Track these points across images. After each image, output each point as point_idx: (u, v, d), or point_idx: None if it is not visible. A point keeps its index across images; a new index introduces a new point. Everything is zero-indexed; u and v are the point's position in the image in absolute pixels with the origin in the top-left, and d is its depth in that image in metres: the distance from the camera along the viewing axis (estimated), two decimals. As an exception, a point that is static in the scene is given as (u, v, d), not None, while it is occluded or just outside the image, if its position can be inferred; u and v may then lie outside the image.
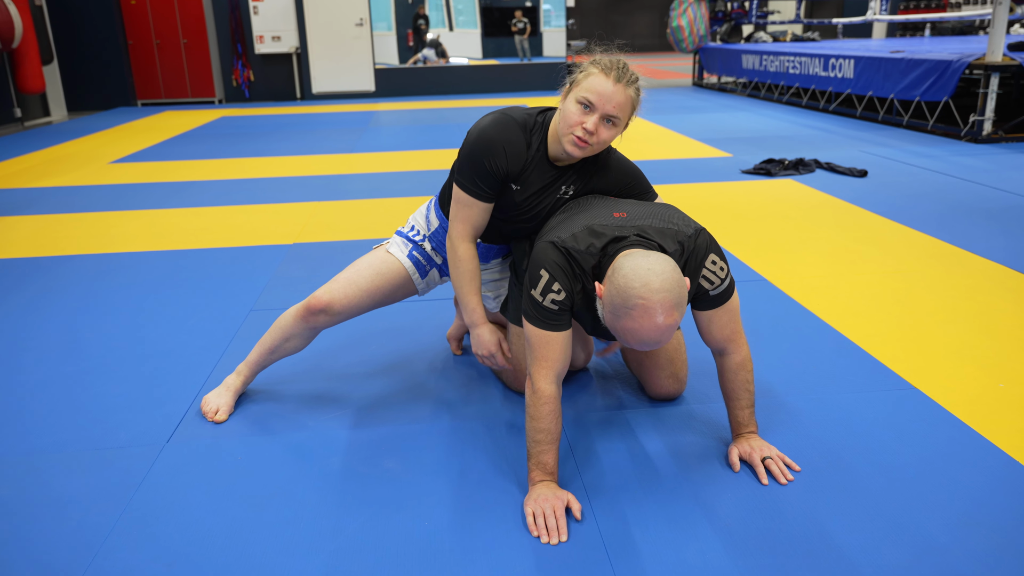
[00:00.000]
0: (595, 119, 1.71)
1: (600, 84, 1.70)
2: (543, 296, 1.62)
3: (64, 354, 2.51)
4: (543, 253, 1.65)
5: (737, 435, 1.82)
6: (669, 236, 1.63)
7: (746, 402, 1.79)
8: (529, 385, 1.68)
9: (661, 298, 1.43)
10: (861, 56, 7.49)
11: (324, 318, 2.01)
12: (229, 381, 2.14)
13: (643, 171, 2.06)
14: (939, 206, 4.11)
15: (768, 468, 1.72)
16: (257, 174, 5.59)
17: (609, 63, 1.72)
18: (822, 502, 1.66)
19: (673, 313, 1.45)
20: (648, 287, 1.43)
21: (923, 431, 1.93)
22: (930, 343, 2.43)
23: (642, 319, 1.44)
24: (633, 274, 1.46)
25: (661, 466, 1.81)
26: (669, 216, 1.71)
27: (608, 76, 1.70)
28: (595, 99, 1.70)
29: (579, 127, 1.72)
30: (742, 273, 3.14)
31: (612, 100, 1.70)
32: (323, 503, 1.71)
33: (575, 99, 1.73)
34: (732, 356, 1.77)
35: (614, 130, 1.76)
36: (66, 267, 3.44)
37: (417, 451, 1.91)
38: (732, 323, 1.75)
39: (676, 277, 1.47)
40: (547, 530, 1.56)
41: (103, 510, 1.69)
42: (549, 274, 1.62)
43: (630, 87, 1.73)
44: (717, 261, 1.69)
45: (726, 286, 1.70)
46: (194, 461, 1.88)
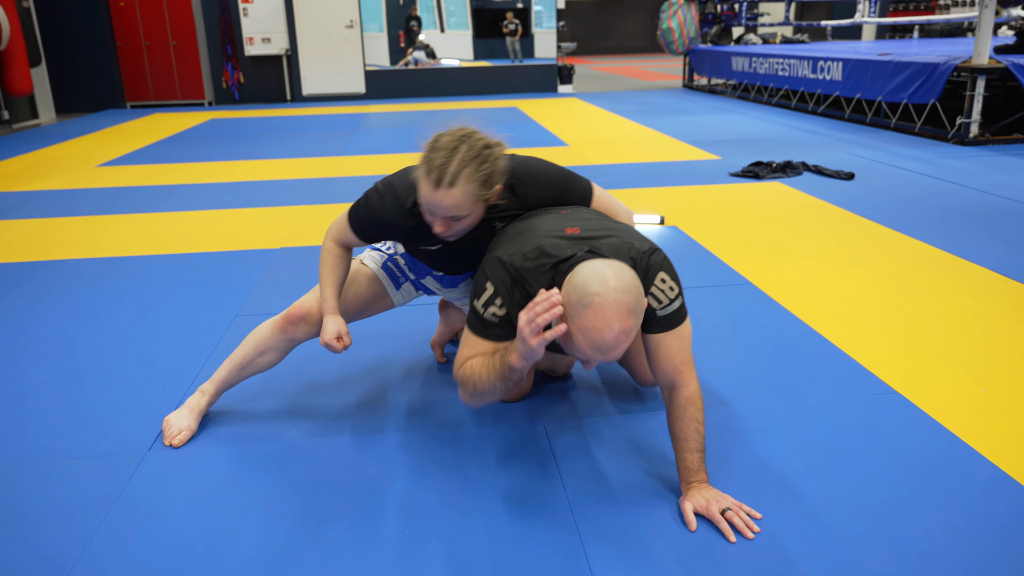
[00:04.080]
0: (438, 222, 1.68)
1: (425, 192, 1.64)
2: (484, 308, 1.62)
3: (45, 361, 2.50)
4: (490, 267, 1.62)
5: (687, 484, 1.66)
6: (622, 253, 1.59)
7: (695, 444, 1.66)
8: (455, 370, 1.70)
9: (617, 298, 1.40)
10: (849, 59, 7.53)
11: (304, 328, 1.98)
12: (192, 402, 2.04)
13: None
14: (926, 209, 4.13)
15: (730, 521, 1.59)
16: (246, 177, 5.58)
17: (434, 158, 1.62)
18: (802, 508, 1.66)
19: (629, 318, 1.41)
20: (605, 285, 1.41)
21: (905, 437, 1.93)
22: (914, 347, 2.44)
23: (598, 318, 1.40)
24: (592, 273, 1.43)
25: (641, 480, 1.82)
26: (624, 234, 1.66)
27: (429, 182, 1.62)
28: (425, 206, 1.66)
29: (433, 226, 1.70)
30: (727, 277, 3.15)
31: (441, 206, 1.64)
32: (304, 512, 1.70)
33: (418, 198, 1.69)
34: (681, 390, 1.66)
35: (467, 219, 1.69)
36: (50, 272, 3.42)
37: (399, 459, 1.90)
38: (682, 351, 1.66)
39: (635, 283, 1.45)
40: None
41: (83, 519, 1.68)
42: (493, 288, 1.60)
43: (456, 185, 1.61)
44: (667, 280, 1.62)
45: (676, 308, 1.63)
46: (175, 470, 1.87)
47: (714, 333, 2.60)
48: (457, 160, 1.61)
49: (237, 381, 2.07)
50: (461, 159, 1.61)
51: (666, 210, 4.22)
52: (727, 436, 1.95)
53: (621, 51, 26.50)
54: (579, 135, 7.21)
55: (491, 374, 1.59)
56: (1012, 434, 1.93)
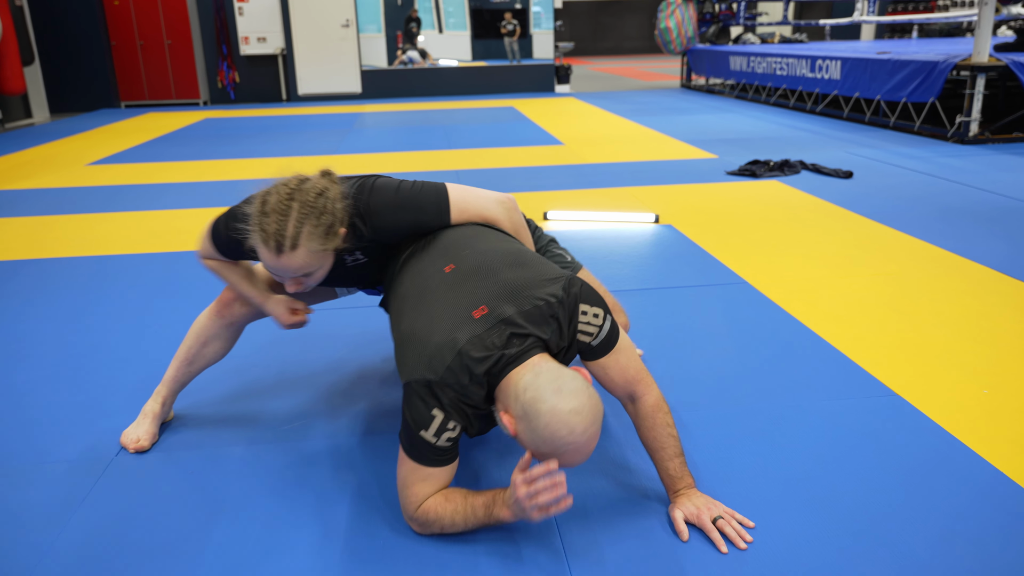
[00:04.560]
0: (289, 283, 1.60)
1: (266, 259, 1.54)
2: (438, 437, 1.44)
3: (16, 361, 2.42)
4: (424, 393, 1.42)
5: (674, 492, 1.59)
6: (540, 318, 1.45)
7: (673, 450, 1.58)
8: (407, 511, 1.53)
9: (591, 434, 1.35)
10: (848, 57, 7.45)
11: (240, 308, 1.88)
12: (147, 408, 1.94)
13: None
14: (925, 208, 4.06)
15: (722, 530, 1.52)
16: (240, 175, 5.50)
17: (267, 224, 1.50)
18: (799, 515, 1.58)
19: (597, 434, 1.38)
20: (574, 433, 1.33)
21: (905, 440, 1.86)
22: (914, 348, 2.37)
23: (575, 457, 1.36)
24: (556, 422, 1.33)
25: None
26: (527, 282, 1.49)
27: (268, 250, 1.51)
28: (271, 271, 1.58)
29: (287, 286, 1.61)
30: (723, 276, 3.07)
31: (287, 269, 1.55)
32: (276, 519, 1.62)
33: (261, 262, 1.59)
34: (644, 399, 1.58)
35: (319, 272, 1.60)
36: (36, 271, 3.34)
37: (376, 463, 1.82)
38: (631, 363, 1.57)
39: (593, 403, 1.36)
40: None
41: (45, 525, 1.60)
42: (443, 414, 1.42)
43: (298, 246, 1.50)
44: (588, 310, 1.51)
45: (608, 330, 1.53)
46: (143, 476, 1.79)
47: (709, 334, 2.52)
48: (292, 220, 1.49)
49: (189, 378, 1.97)
50: (296, 218, 1.50)
51: (661, 208, 4.15)
52: (721, 440, 1.88)
53: (619, 52, 26.44)
54: (575, 134, 7.14)
55: (468, 521, 1.48)
56: (1015, 437, 1.85)
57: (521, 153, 6.17)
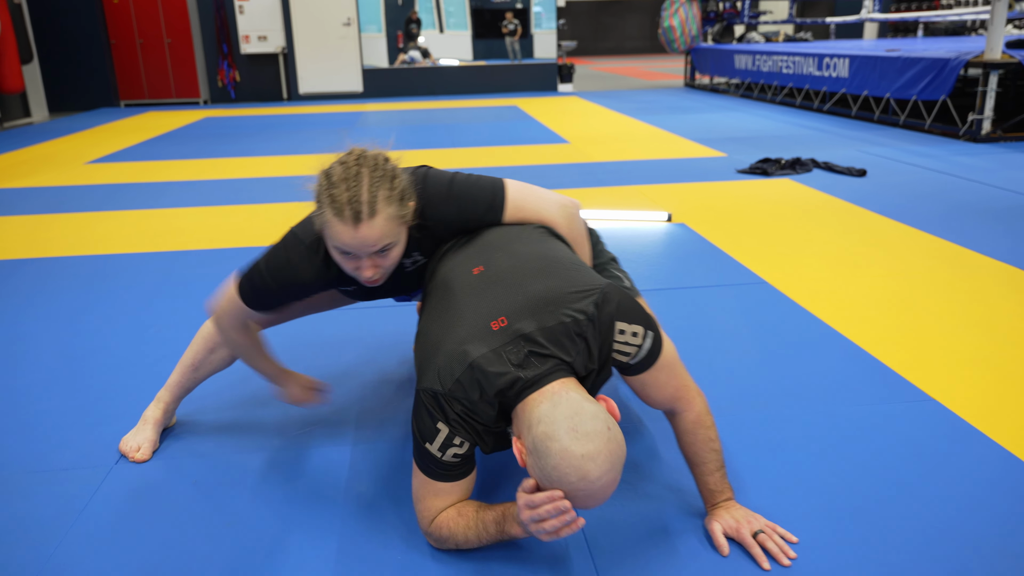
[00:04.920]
0: (366, 263, 1.42)
1: (343, 234, 1.37)
2: (443, 452, 1.34)
3: (17, 364, 2.32)
4: (431, 404, 1.32)
5: (713, 505, 1.50)
6: (565, 335, 1.31)
7: (714, 464, 1.49)
8: (421, 525, 1.45)
9: (606, 482, 1.21)
10: (856, 55, 7.36)
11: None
12: (148, 414, 1.86)
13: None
14: (943, 206, 3.97)
15: (763, 545, 1.42)
16: (240, 174, 5.41)
17: (339, 194, 1.36)
18: (837, 527, 1.49)
19: (616, 480, 1.24)
20: (586, 479, 1.20)
21: (946, 448, 1.76)
22: (945, 350, 2.27)
23: (586, 502, 1.23)
24: (566, 465, 1.20)
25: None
26: (558, 294, 1.35)
27: (345, 223, 1.36)
28: (348, 249, 1.39)
29: (358, 273, 1.45)
30: (740, 275, 2.98)
31: (367, 242, 1.38)
32: (286, 532, 1.53)
33: (331, 247, 1.43)
34: (685, 414, 1.48)
35: (397, 248, 1.45)
36: (33, 270, 3.25)
37: (392, 473, 1.73)
38: (673, 379, 1.45)
39: (612, 448, 1.21)
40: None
41: (41, 539, 1.51)
42: (448, 428, 1.32)
43: (377, 214, 1.36)
44: (626, 329, 1.36)
45: (649, 347, 1.39)
46: (144, 485, 1.70)
47: (731, 335, 2.43)
48: (366, 186, 1.36)
49: (194, 384, 1.88)
50: (369, 183, 1.37)
51: (673, 207, 4.06)
52: (752, 448, 1.78)
53: (620, 52, 26.35)
54: (580, 133, 7.05)
55: (481, 537, 1.38)
56: (1063, 445, 1.76)
57: (527, 151, 6.08)
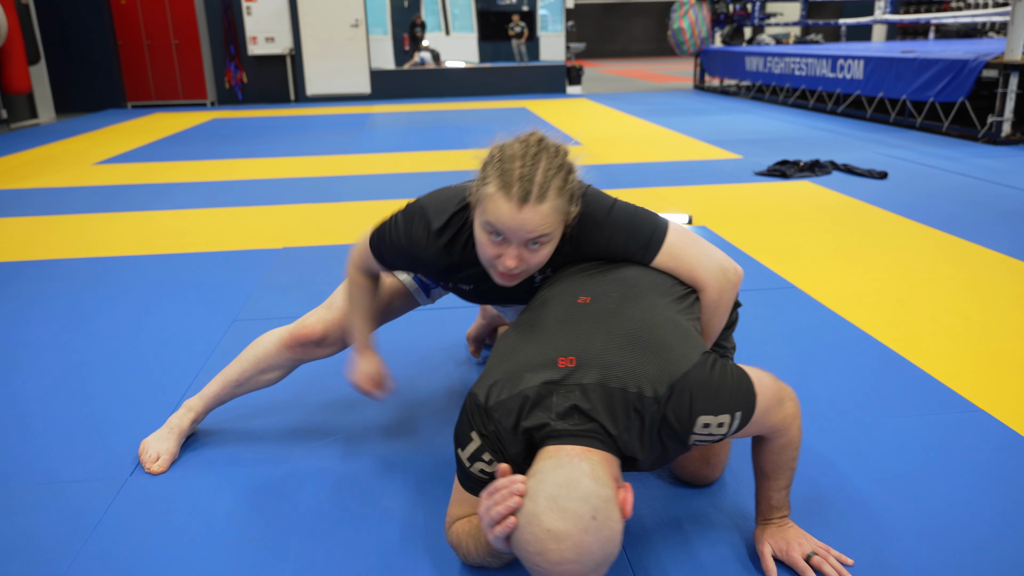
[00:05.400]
0: (513, 252, 1.28)
1: (502, 210, 1.24)
2: (471, 462, 1.27)
3: (22, 370, 2.25)
4: (474, 412, 1.26)
5: (766, 520, 1.39)
6: (620, 404, 1.18)
7: (785, 481, 1.38)
8: (446, 529, 1.41)
9: (564, 570, 1.06)
10: (871, 57, 7.28)
11: (317, 351, 1.72)
12: (174, 421, 1.79)
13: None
14: (968, 209, 3.88)
15: (818, 568, 1.32)
16: (246, 175, 5.34)
17: (511, 169, 1.25)
18: (893, 542, 1.41)
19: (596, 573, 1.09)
20: (545, 556, 1.07)
21: (999, 461, 1.68)
22: (992, 359, 2.19)
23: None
24: (527, 531, 1.08)
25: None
26: (640, 361, 1.21)
27: (510, 199, 1.24)
28: (503, 229, 1.26)
29: (498, 262, 1.30)
30: (768, 280, 2.90)
31: (524, 227, 1.25)
32: (309, 549, 1.45)
33: (480, 224, 1.30)
34: (774, 440, 1.34)
35: (547, 246, 1.31)
36: (38, 272, 3.18)
37: (421, 486, 1.65)
38: (766, 421, 1.28)
39: (590, 540, 1.06)
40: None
41: (52, 559, 1.43)
42: (480, 440, 1.25)
43: (546, 199, 1.25)
44: (711, 422, 1.21)
45: (738, 424, 1.23)
46: (160, 497, 1.62)
47: (765, 342, 2.35)
48: (542, 169, 1.25)
49: (231, 398, 1.81)
50: (546, 168, 1.26)
51: (692, 209, 3.97)
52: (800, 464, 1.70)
53: (627, 54, 26.28)
54: (592, 134, 6.97)
55: (479, 548, 1.30)
56: (1123, 459, 1.68)
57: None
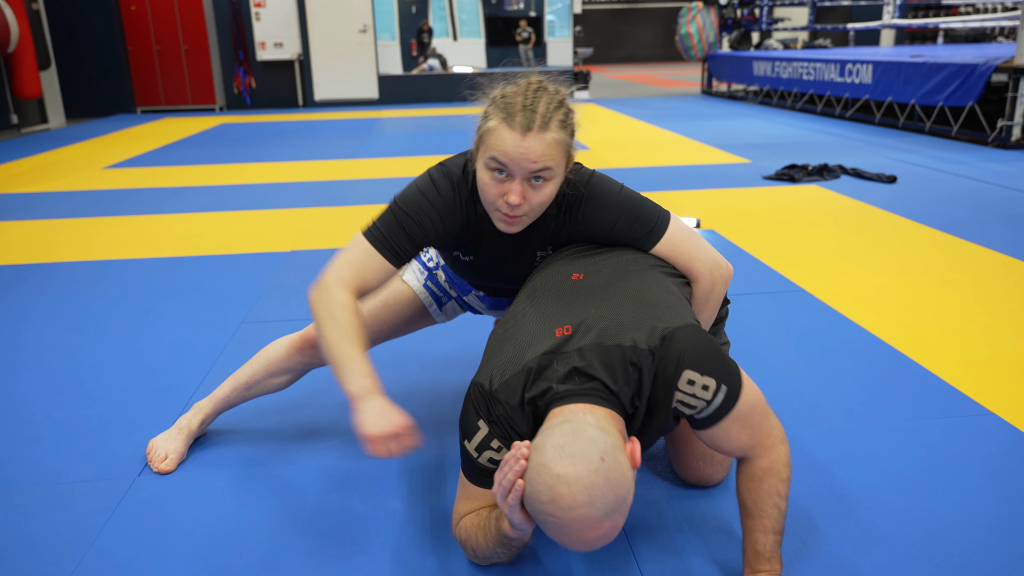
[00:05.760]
0: (516, 187, 1.29)
1: (506, 141, 1.26)
2: (479, 452, 1.26)
3: (32, 371, 2.26)
4: (475, 399, 1.26)
5: (753, 573, 1.29)
6: (618, 359, 1.19)
7: (773, 524, 1.27)
8: (452, 526, 1.40)
9: (578, 515, 1.05)
10: (880, 61, 7.26)
11: None
12: (184, 422, 1.78)
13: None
14: (980, 213, 3.86)
15: None
16: (256, 179, 5.36)
17: (513, 102, 1.28)
18: (906, 548, 1.39)
19: (601, 525, 1.07)
20: (556, 503, 1.06)
21: (1007, 462, 1.67)
22: (1002, 362, 2.17)
23: (560, 535, 1.09)
24: (539, 481, 1.08)
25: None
26: (631, 319, 1.24)
27: (514, 128, 1.26)
28: (506, 161, 1.27)
29: (500, 200, 1.31)
30: (777, 283, 2.89)
31: (528, 156, 1.26)
32: (315, 550, 1.45)
33: (483, 162, 1.31)
34: (756, 461, 1.28)
35: (550, 184, 1.32)
36: (49, 275, 3.19)
37: (427, 487, 1.65)
38: (747, 430, 1.25)
39: (600, 482, 1.06)
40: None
41: (60, 558, 1.43)
42: (487, 428, 1.24)
43: (548, 129, 1.27)
44: (697, 379, 1.20)
45: (720, 402, 1.22)
46: (168, 498, 1.62)
47: (772, 345, 2.34)
48: (544, 101, 1.28)
49: (240, 401, 1.81)
50: (547, 102, 1.29)
51: (701, 213, 3.96)
52: (804, 464, 1.69)
53: (635, 60, 26.30)
54: (600, 139, 6.97)
55: (488, 540, 1.29)
56: None
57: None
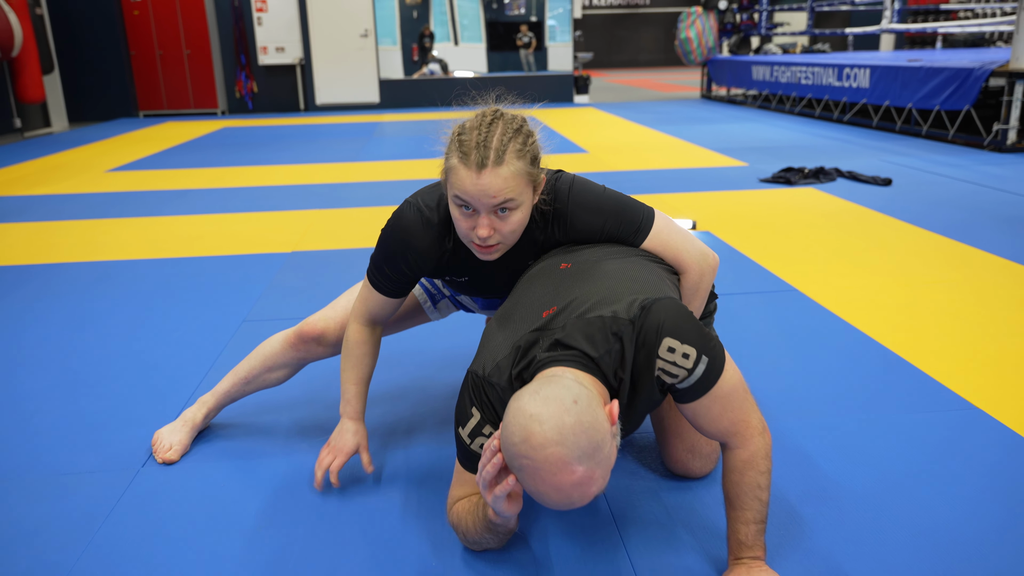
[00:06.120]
0: (484, 221, 1.32)
1: (464, 180, 1.30)
2: (471, 438, 1.29)
3: (38, 368, 2.30)
4: (470, 388, 1.30)
5: (736, 560, 1.33)
6: (598, 330, 1.23)
7: (754, 514, 1.31)
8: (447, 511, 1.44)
9: (548, 455, 1.06)
10: (877, 65, 7.31)
11: (317, 349, 1.77)
12: (188, 415, 1.83)
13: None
14: (972, 215, 3.90)
15: None
16: (257, 182, 5.41)
17: (468, 140, 1.30)
18: (888, 535, 1.43)
19: (575, 469, 1.06)
20: (529, 443, 1.07)
21: (994, 458, 1.70)
22: (988, 359, 2.21)
23: (534, 481, 1.08)
24: (513, 421, 1.10)
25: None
26: (613, 294, 1.29)
27: (469, 166, 1.29)
28: (468, 198, 1.31)
29: (472, 234, 1.35)
30: (770, 283, 2.93)
31: (487, 192, 1.29)
32: (315, 538, 1.49)
33: (451, 199, 1.35)
34: (736, 451, 1.31)
35: (518, 212, 1.34)
36: (51, 275, 3.24)
37: (422, 476, 1.69)
38: (728, 412, 1.29)
39: (570, 423, 1.07)
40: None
41: (66, 543, 1.47)
42: (479, 414, 1.28)
43: (504, 162, 1.29)
44: (677, 347, 1.23)
45: (701, 373, 1.24)
46: (171, 488, 1.66)
47: (764, 343, 2.38)
48: (498, 134, 1.30)
49: (241, 395, 1.86)
50: (501, 134, 1.31)
51: (697, 215, 4.01)
52: (791, 456, 1.73)
53: (635, 64, 26.38)
54: (599, 142, 7.02)
55: (477, 525, 1.33)
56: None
57: (546, 160, 6.01)
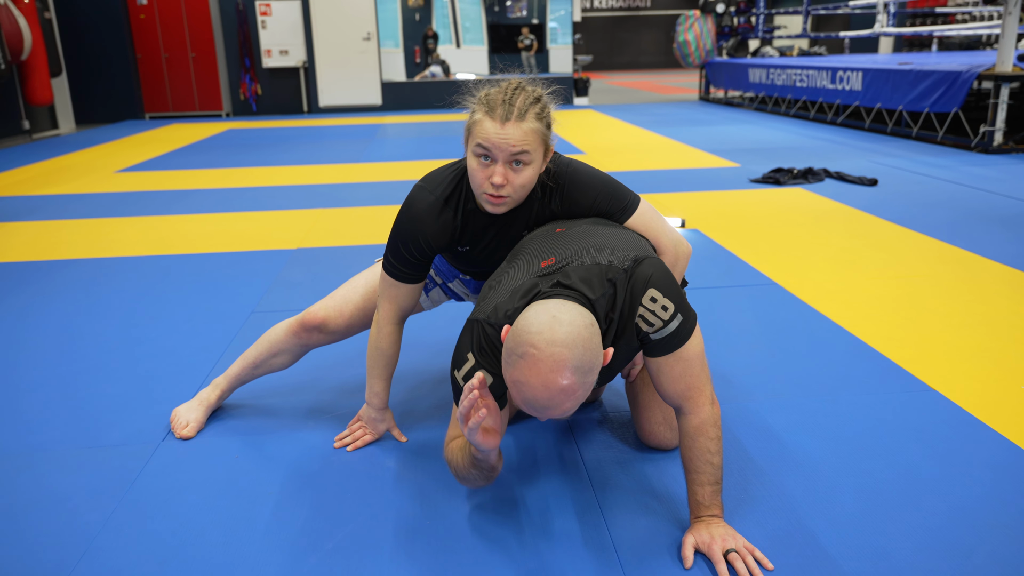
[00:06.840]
0: (499, 169, 1.48)
1: (488, 129, 1.46)
2: (465, 381, 1.40)
3: (61, 354, 2.46)
4: (469, 333, 1.41)
5: (696, 518, 1.46)
6: (596, 275, 1.37)
7: (708, 477, 1.44)
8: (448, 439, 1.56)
9: (555, 352, 1.17)
10: (869, 68, 7.46)
11: (318, 336, 1.91)
12: (203, 395, 2.00)
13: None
14: (952, 213, 4.05)
15: (732, 564, 1.37)
16: (262, 183, 5.57)
17: (494, 98, 1.48)
18: (841, 505, 1.59)
19: (569, 376, 1.18)
20: (542, 335, 1.19)
21: (944, 433, 1.86)
22: (946, 345, 2.36)
23: (530, 372, 1.19)
24: (534, 318, 1.22)
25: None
26: (607, 247, 1.44)
27: (494, 118, 1.46)
28: (489, 146, 1.47)
29: (487, 183, 1.49)
30: (751, 277, 3.08)
31: (508, 140, 1.45)
32: (321, 502, 1.65)
33: (471, 150, 1.51)
34: (689, 418, 1.44)
35: (529, 169, 1.50)
36: (66, 271, 3.40)
37: (424, 455, 1.85)
38: (687, 376, 1.42)
39: (584, 336, 1.21)
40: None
41: (95, 507, 1.63)
42: (474, 359, 1.39)
43: (525, 119, 1.46)
44: (659, 298, 1.37)
45: (674, 328, 1.38)
46: (189, 460, 1.82)
47: (741, 331, 2.53)
48: (521, 98, 1.48)
49: (250, 378, 2.02)
50: (524, 98, 1.49)
51: (687, 213, 4.16)
52: (758, 433, 1.88)
53: (635, 66, 26.55)
54: (596, 144, 7.18)
55: (464, 462, 1.44)
56: (1057, 432, 1.85)
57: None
